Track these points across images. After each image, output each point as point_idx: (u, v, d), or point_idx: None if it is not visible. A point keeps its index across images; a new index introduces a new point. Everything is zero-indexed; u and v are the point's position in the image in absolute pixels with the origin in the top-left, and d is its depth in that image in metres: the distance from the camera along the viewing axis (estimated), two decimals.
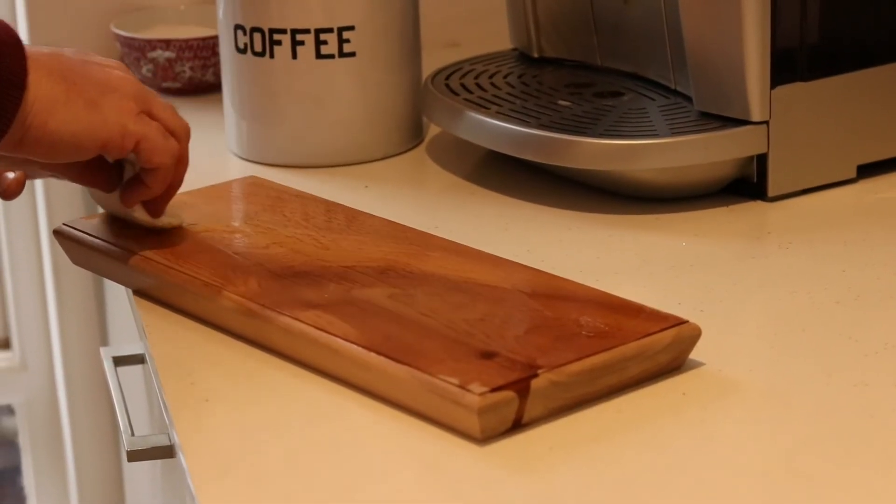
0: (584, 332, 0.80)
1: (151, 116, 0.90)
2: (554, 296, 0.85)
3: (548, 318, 0.82)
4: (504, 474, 0.73)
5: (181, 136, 0.91)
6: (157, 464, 1.11)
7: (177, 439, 0.78)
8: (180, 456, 0.77)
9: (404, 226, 0.96)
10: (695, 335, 0.81)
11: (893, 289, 0.92)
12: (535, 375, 0.76)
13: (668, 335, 0.80)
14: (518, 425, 0.76)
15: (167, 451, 0.87)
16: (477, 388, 0.75)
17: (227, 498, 0.72)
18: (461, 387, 0.75)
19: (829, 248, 0.98)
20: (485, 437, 0.75)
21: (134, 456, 0.88)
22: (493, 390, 0.75)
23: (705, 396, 0.79)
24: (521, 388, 0.75)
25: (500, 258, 0.91)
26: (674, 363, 0.81)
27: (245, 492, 0.72)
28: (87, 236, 0.95)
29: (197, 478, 0.73)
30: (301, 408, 0.79)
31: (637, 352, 0.79)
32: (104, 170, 0.93)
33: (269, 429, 0.78)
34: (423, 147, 1.18)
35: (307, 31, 1.12)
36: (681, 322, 0.81)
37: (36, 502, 1.76)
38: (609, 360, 0.78)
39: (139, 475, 1.38)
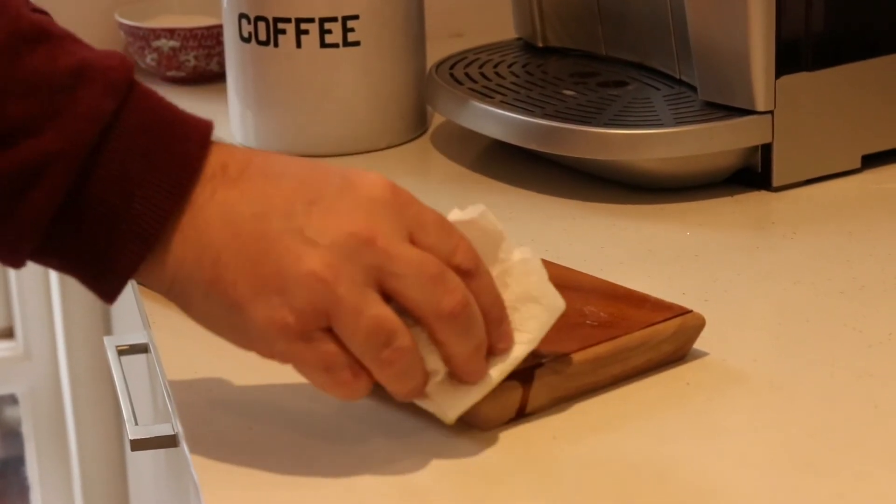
0: (587, 322, 0.80)
1: (338, 330, 0.67)
2: (558, 285, 0.85)
3: None
4: (507, 463, 0.73)
5: (376, 376, 0.68)
6: (161, 453, 1.11)
7: (180, 429, 0.78)
8: (184, 445, 0.76)
9: None
10: (699, 325, 0.81)
11: None
12: (539, 365, 0.76)
13: (673, 325, 0.80)
14: (521, 414, 0.76)
15: (171, 441, 0.87)
16: None
17: (230, 487, 0.72)
18: None
19: (833, 238, 0.97)
20: (488, 426, 0.75)
21: (137, 445, 0.88)
22: None
23: (709, 386, 0.79)
24: (525, 377, 0.75)
25: None
26: (678, 353, 0.81)
27: (248, 481, 0.72)
28: None
29: (200, 467, 0.73)
30: (305, 398, 0.79)
31: (641, 341, 0.79)
32: None
33: (273, 419, 0.78)
34: (427, 136, 1.18)
35: (311, 21, 1.12)
36: (685, 312, 0.81)
37: (39, 492, 1.76)
38: (613, 350, 0.78)
39: (143, 464, 1.38)
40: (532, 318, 0.73)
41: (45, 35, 0.69)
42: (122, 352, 1.00)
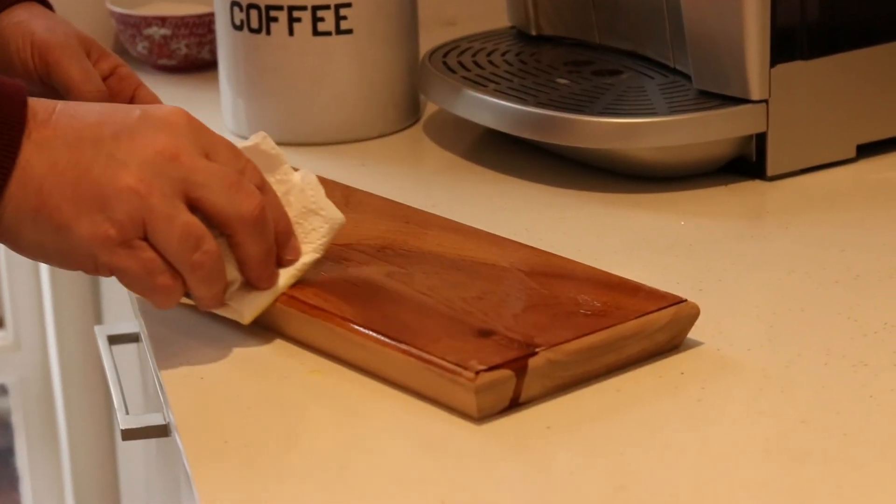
0: (582, 311, 0.80)
1: (153, 238, 0.76)
2: (552, 274, 0.85)
3: (545, 297, 0.82)
4: (501, 453, 0.72)
5: (190, 282, 0.78)
6: (152, 443, 1.11)
7: (172, 418, 0.77)
8: (175, 435, 0.76)
9: (402, 204, 0.96)
10: (693, 314, 0.81)
11: (892, 269, 0.91)
12: (533, 354, 0.75)
13: (667, 314, 0.80)
14: (516, 404, 0.75)
15: (162, 430, 0.87)
16: (474, 366, 0.74)
17: (222, 477, 0.71)
18: (458, 365, 0.74)
19: (828, 227, 0.97)
20: (482, 416, 0.74)
21: (128, 435, 0.88)
22: (490, 369, 0.74)
23: (704, 376, 0.79)
24: (519, 366, 0.75)
25: (498, 236, 0.90)
26: (672, 342, 0.81)
27: (240, 471, 0.72)
28: None
29: (192, 457, 0.73)
30: (297, 386, 0.79)
31: (635, 331, 0.79)
32: None
33: (264, 407, 0.77)
34: (420, 125, 1.18)
35: (304, 8, 1.12)
36: (679, 301, 0.81)
37: (30, 482, 1.75)
38: (607, 339, 0.78)
39: (134, 454, 1.38)
40: (314, 230, 0.82)
41: None
42: (112, 341, 1.00)
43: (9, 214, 0.75)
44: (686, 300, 0.81)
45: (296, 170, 0.84)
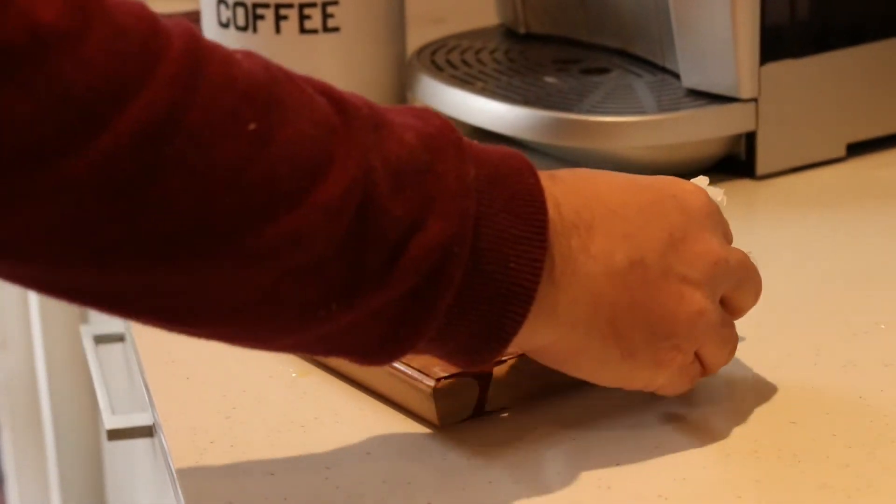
0: None
1: (699, 354, 0.72)
2: None
3: None
4: (488, 453, 0.72)
5: (710, 372, 0.74)
6: (138, 443, 1.10)
7: (157, 418, 0.77)
8: (161, 435, 0.76)
9: None
10: None
11: (882, 268, 0.91)
12: (501, 362, 0.74)
13: None
14: (481, 413, 0.74)
15: (148, 431, 0.86)
16: (436, 373, 0.73)
17: (207, 477, 0.71)
18: (421, 371, 0.73)
19: (818, 227, 0.97)
20: (443, 424, 0.73)
21: (114, 435, 0.87)
22: (452, 376, 0.73)
23: None
24: (482, 374, 0.74)
25: None
26: None
27: (225, 471, 0.71)
28: None
29: (177, 457, 0.72)
30: (281, 388, 0.78)
31: None
32: None
33: (249, 408, 0.77)
34: None
35: (290, 6, 1.11)
36: None
37: (15, 481, 1.75)
38: None
39: (119, 454, 1.37)
40: None
41: (381, 120, 0.63)
42: (98, 341, 1.00)
43: (575, 337, 0.68)
44: None
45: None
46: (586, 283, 0.67)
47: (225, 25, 1.13)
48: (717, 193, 0.77)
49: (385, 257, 0.62)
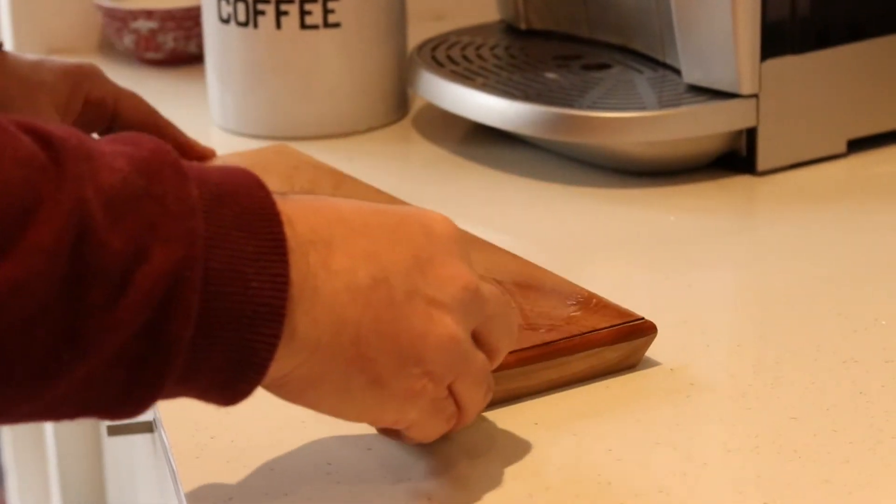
0: (530, 324, 0.76)
1: (453, 391, 0.67)
2: (523, 284, 0.81)
3: None
4: (488, 448, 0.72)
5: (466, 417, 0.69)
6: (138, 439, 1.10)
7: (158, 414, 0.77)
8: (161, 431, 0.76)
9: (391, 195, 0.95)
10: (649, 335, 0.77)
11: (882, 264, 0.91)
12: None
13: (616, 332, 0.76)
14: None
15: (148, 426, 0.86)
16: None
17: (207, 474, 0.71)
18: None
19: (818, 223, 0.97)
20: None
21: (115, 431, 0.87)
22: None
23: (693, 371, 0.78)
24: None
25: (482, 240, 0.87)
26: (626, 361, 0.77)
27: (226, 468, 0.71)
28: None
29: (178, 453, 0.72)
30: None
31: (578, 348, 0.76)
32: None
33: (250, 404, 0.77)
34: (408, 119, 1.17)
35: (291, 2, 1.11)
36: (634, 320, 0.77)
37: (16, 478, 1.75)
38: (545, 355, 0.75)
39: (120, 450, 1.37)
40: None
41: (91, 150, 0.59)
42: None
43: (315, 361, 0.63)
44: (643, 319, 0.78)
45: None
46: (327, 302, 0.62)
47: (226, 21, 1.13)
48: None
49: (109, 293, 0.57)
